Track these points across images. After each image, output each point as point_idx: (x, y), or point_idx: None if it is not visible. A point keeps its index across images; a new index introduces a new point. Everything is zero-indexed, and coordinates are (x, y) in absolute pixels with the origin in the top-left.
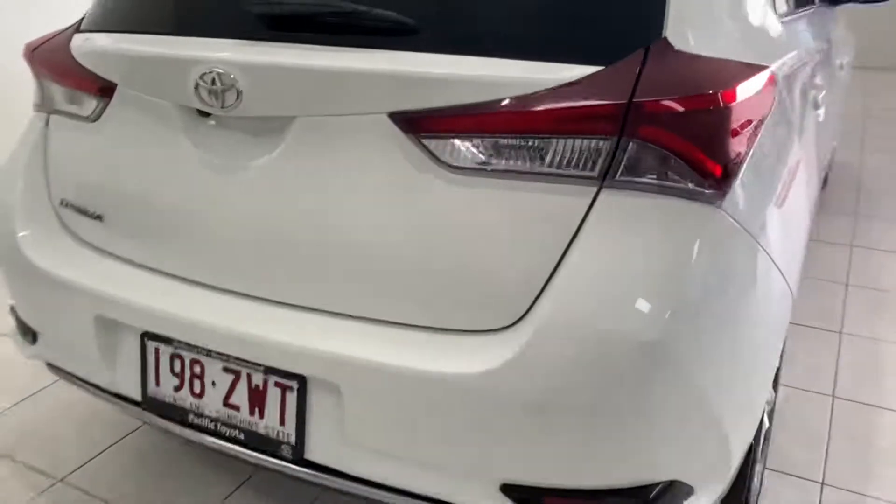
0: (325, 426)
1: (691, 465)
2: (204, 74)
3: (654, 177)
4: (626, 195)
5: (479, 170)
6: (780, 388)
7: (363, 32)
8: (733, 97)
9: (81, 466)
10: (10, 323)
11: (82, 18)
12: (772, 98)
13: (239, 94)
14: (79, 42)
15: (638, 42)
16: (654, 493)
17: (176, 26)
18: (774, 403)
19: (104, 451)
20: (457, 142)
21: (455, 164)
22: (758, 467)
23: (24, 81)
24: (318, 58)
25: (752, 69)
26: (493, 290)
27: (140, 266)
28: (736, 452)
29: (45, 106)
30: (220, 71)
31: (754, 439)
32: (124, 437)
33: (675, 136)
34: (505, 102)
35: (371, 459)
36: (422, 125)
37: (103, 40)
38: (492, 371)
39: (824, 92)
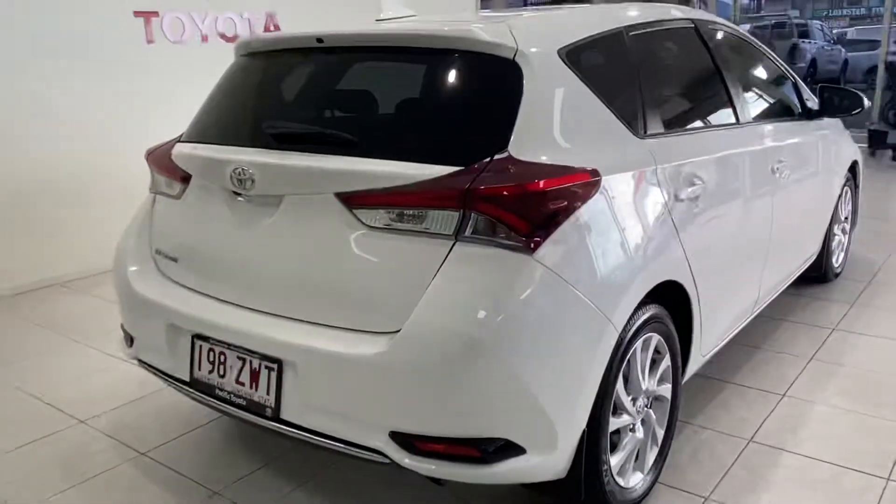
0: (292, 394)
1: (520, 432)
2: (235, 169)
3: (488, 235)
4: (470, 247)
5: (385, 228)
6: (701, 430)
7: (322, 144)
8: (538, 187)
9: (159, 446)
10: (119, 336)
11: (182, 134)
12: (591, 191)
13: (253, 181)
14: (176, 149)
15: (488, 153)
16: (495, 447)
17: (222, 140)
18: (666, 416)
19: (177, 437)
20: (372, 210)
21: (371, 224)
22: (608, 458)
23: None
24: (295, 159)
25: (567, 171)
26: (387, 307)
27: (195, 291)
28: (562, 432)
29: (153, 188)
30: (244, 167)
31: (590, 429)
32: (192, 430)
33: (498, 209)
34: (400, 188)
35: (316, 415)
36: (352, 200)
37: (188, 148)
38: (376, 353)
39: (748, 192)
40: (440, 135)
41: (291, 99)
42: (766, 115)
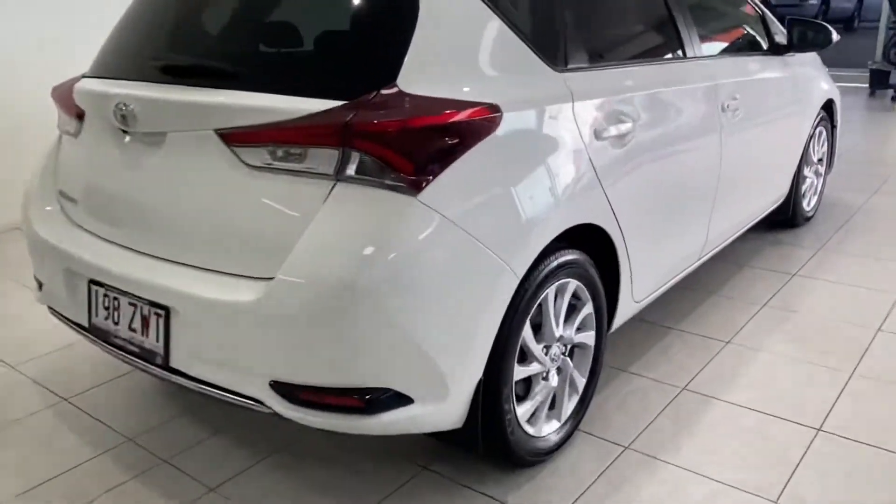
0: (179, 341)
1: (405, 381)
2: (117, 104)
3: (372, 175)
4: (350, 187)
5: (265, 167)
6: (635, 377)
7: (204, 77)
8: (424, 122)
9: (83, 392)
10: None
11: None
12: (489, 127)
13: (135, 117)
14: (78, 84)
15: (375, 86)
16: (376, 396)
17: (114, 74)
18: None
19: (104, 383)
20: (251, 148)
21: (251, 163)
22: (512, 407)
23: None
24: (175, 94)
25: (461, 105)
26: (265, 251)
27: (93, 234)
28: (453, 382)
29: (60, 127)
30: (125, 102)
31: (489, 378)
32: (121, 375)
33: (379, 147)
34: (277, 123)
35: (200, 363)
36: (231, 137)
37: (85, 83)
38: (251, 300)
39: (690, 131)
40: (324, 66)
41: (179, 30)
42: (724, 50)
